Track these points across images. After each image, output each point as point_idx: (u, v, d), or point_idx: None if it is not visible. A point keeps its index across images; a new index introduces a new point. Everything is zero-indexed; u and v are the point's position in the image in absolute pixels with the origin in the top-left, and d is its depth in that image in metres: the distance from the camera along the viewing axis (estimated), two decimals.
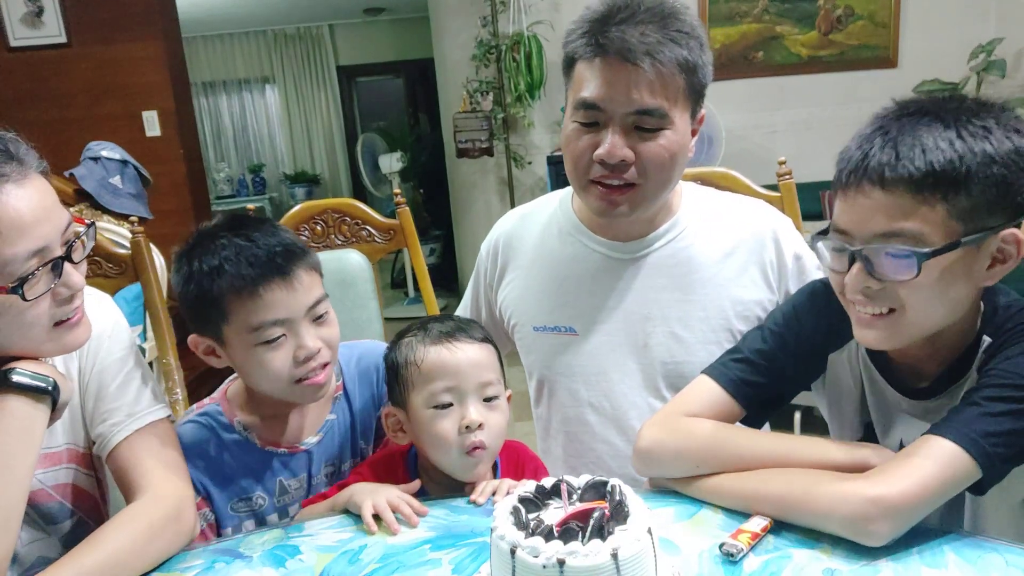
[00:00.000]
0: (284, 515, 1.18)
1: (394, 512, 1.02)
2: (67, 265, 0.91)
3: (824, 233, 0.94)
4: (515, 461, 1.19)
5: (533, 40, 4.07)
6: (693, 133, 1.19)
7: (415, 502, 1.04)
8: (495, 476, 1.15)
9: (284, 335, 1.07)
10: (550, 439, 1.38)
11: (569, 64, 1.17)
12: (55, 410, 0.96)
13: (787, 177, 1.65)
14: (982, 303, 0.96)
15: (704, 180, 1.56)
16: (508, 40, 4.13)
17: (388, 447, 1.25)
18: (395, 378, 1.13)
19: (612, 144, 1.11)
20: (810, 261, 1.27)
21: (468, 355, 1.08)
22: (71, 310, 0.94)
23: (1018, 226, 0.88)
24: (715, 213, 1.29)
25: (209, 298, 1.05)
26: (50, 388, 0.94)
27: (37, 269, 0.87)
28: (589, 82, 1.12)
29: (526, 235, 1.37)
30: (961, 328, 0.95)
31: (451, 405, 1.07)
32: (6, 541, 0.88)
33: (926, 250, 0.85)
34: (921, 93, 4.12)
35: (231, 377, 1.22)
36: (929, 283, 0.87)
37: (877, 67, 4.26)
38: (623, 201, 1.17)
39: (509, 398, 1.15)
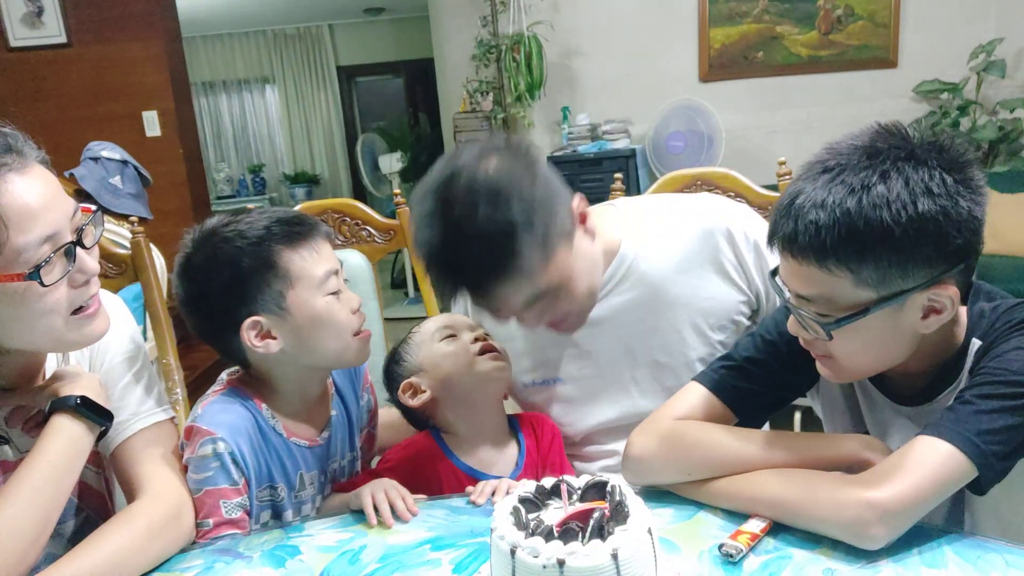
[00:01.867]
0: (298, 512, 1.17)
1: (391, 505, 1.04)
2: (80, 250, 0.92)
3: (776, 272, 0.96)
4: (535, 431, 1.25)
5: (533, 40, 4.07)
6: (582, 219, 1.15)
7: (409, 499, 1.05)
8: (519, 446, 1.24)
9: (339, 290, 1.10)
10: None
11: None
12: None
13: (787, 177, 1.65)
14: (965, 309, 0.96)
15: (704, 180, 1.56)
16: (508, 40, 4.13)
17: (411, 439, 1.27)
18: (402, 361, 1.24)
19: (531, 329, 1.20)
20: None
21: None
22: (88, 296, 0.95)
23: (965, 270, 0.88)
24: (656, 230, 1.26)
25: (269, 263, 1.05)
26: (108, 422, 0.99)
27: (51, 255, 0.87)
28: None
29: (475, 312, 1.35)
30: (939, 342, 0.95)
31: (454, 336, 1.22)
32: (34, 554, 0.90)
33: (832, 319, 0.87)
34: (921, 93, 4.14)
35: (226, 374, 1.19)
36: (850, 341, 0.89)
37: (877, 67, 4.26)
38: (568, 326, 1.22)
39: None
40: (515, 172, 1.05)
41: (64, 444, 0.94)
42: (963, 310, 0.96)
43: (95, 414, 0.97)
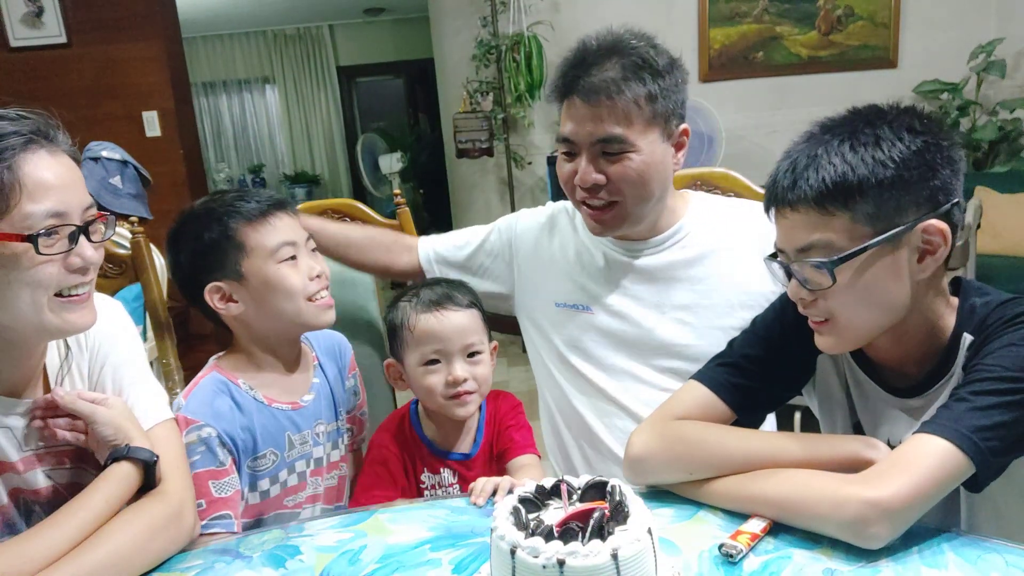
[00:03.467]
0: (292, 471, 1.26)
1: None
2: (83, 239, 0.94)
3: (774, 256, 1.00)
4: (493, 406, 1.33)
5: (533, 40, 4.07)
6: (679, 147, 1.30)
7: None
8: (480, 418, 1.33)
9: (295, 256, 1.22)
10: (561, 419, 1.43)
11: (558, 106, 1.31)
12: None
13: None
14: (957, 302, 0.97)
15: (704, 180, 1.56)
16: (508, 40, 4.13)
17: (396, 410, 1.36)
18: (393, 336, 1.30)
19: (583, 171, 1.25)
20: None
21: (454, 322, 1.24)
22: (81, 284, 0.95)
23: (946, 215, 0.91)
24: (719, 215, 1.37)
25: (227, 235, 1.19)
26: (155, 479, 1.01)
27: (55, 230, 0.90)
28: (564, 120, 1.28)
29: (536, 227, 1.48)
30: (930, 326, 0.97)
31: (438, 362, 1.24)
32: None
33: (834, 257, 0.90)
34: (921, 93, 4.14)
35: (213, 358, 1.28)
36: (851, 287, 0.92)
37: (877, 67, 4.26)
38: (608, 219, 1.29)
39: (495, 349, 1.31)
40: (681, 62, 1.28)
41: (122, 492, 0.98)
42: (954, 301, 0.98)
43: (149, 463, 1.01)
